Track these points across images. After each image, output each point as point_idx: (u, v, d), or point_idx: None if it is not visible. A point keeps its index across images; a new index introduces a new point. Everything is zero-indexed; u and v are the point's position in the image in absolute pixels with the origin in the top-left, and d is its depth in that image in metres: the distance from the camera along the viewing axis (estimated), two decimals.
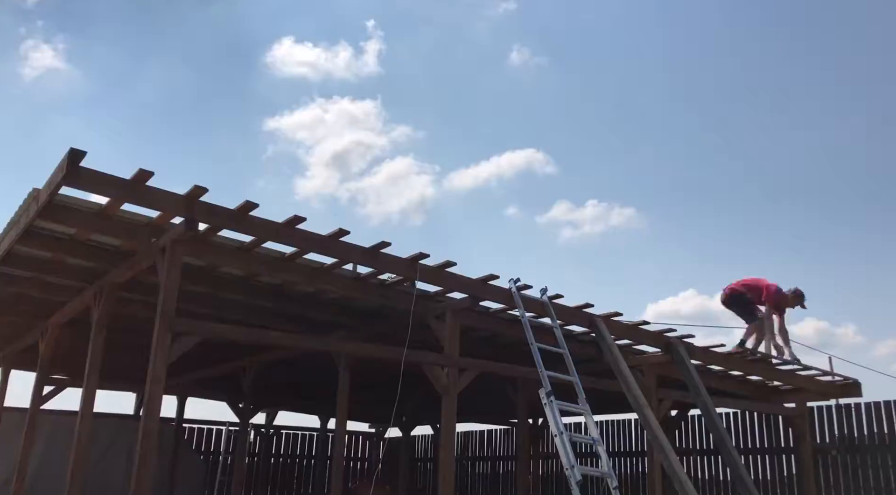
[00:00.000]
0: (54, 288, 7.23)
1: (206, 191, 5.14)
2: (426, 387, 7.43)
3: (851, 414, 10.42)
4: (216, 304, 7.49)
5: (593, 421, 6.49)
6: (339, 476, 8.10)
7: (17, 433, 9.65)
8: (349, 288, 6.79)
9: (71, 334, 8.14)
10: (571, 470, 5.58)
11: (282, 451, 17.02)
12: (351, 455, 18.06)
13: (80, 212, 5.31)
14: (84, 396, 6.32)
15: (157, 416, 5.13)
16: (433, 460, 17.70)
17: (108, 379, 9.74)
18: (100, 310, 6.46)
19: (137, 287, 6.61)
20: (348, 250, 6.08)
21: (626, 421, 13.56)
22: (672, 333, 8.42)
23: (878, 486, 9.86)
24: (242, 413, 11.86)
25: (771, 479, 11.19)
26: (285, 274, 6.36)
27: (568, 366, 6.85)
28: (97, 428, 8.98)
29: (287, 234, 5.69)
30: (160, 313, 5.20)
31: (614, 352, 7.55)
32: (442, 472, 6.74)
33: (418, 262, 6.43)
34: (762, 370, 9.63)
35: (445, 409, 6.78)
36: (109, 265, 6.36)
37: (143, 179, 4.88)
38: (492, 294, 7.00)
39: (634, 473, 13.22)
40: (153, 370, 5.09)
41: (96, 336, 6.41)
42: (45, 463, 11.28)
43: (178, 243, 5.33)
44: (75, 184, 4.69)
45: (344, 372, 8.10)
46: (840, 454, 10.37)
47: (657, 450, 7.20)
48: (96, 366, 6.33)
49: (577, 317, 7.72)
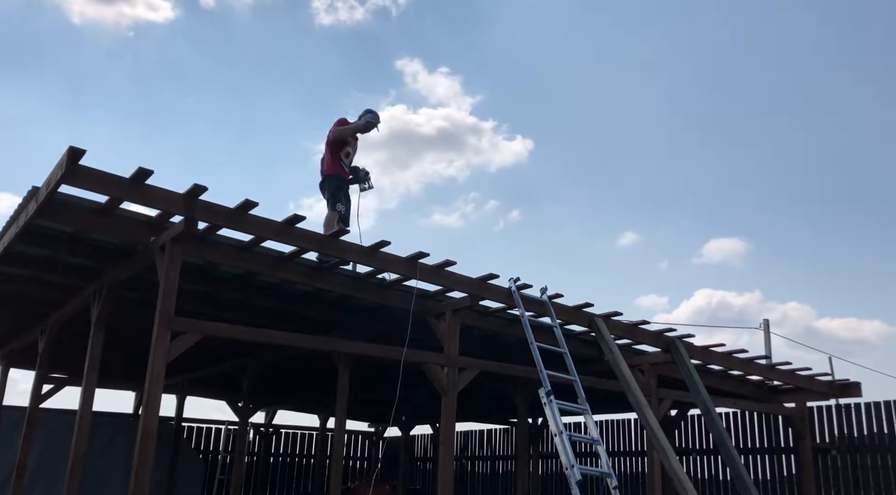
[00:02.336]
0: (53, 286, 7.22)
1: (205, 189, 5.13)
2: (426, 387, 7.42)
3: (851, 414, 10.42)
4: (215, 303, 7.48)
5: (593, 421, 6.48)
6: (338, 475, 8.08)
7: (16, 432, 9.65)
8: (348, 287, 6.78)
9: (70, 333, 8.12)
10: (571, 469, 5.58)
11: (281, 450, 17.01)
12: (350, 454, 18.06)
13: (79, 210, 5.29)
14: (83, 395, 6.32)
15: (157, 415, 5.12)
16: (433, 460, 17.69)
17: (108, 378, 9.74)
18: (99, 308, 6.45)
19: (137, 285, 6.59)
20: (347, 249, 6.07)
21: (626, 421, 13.55)
22: (672, 333, 8.42)
23: (878, 486, 9.85)
24: (242, 412, 11.84)
25: (771, 479, 11.18)
26: (284, 273, 6.35)
27: (568, 365, 6.84)
28: (96, 426, 8.96)
29: (286, 233, 5.68)
30: (159, 312, 5.19)
31: (614, 352, 7.54)
32: (441, 472, 6.73)
33: (418, 261, 6.43)
34: (762, 370, 9.62)
35: (445, 409, 6.77)
36: (109, 264, 6.35)
37: (142, 178, 4.87)
38: (491, 293, 7.00)
39: (634, 473, 13.21)
40: (152, 369, 5.08)
41: (95, 334, 6.40)
42: (44, 462, 11.27)
43: (177, 242, 5.32)
44: (75, 183, 4.68)
45: (343, 371, 8.08)
46: (840, 454, 10.36)
47: (657, 450, 7.19)
48: (95, 365, 6.32)
49: (577, 317, 7.71)
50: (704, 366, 9.19)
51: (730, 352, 9.07)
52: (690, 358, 8.32)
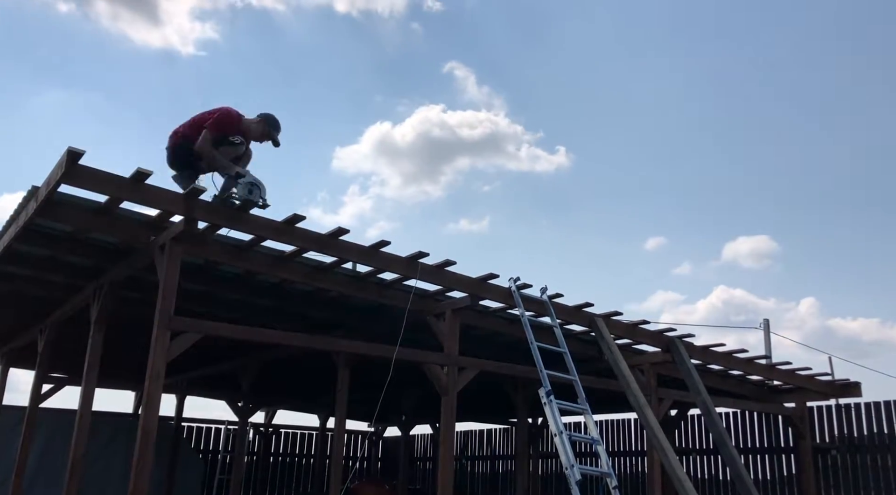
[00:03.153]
0: (53, 286, 7.21)
1: (204, 189, 5.13)
2: (426, 386, 7.41)
3: (851, 414, 10.42)
4: (215, 303, 7.48)
5: (593, 421, 6.48)
6: (337, 475, 8.08)
7: (15, 431, 9.64)
8: (348, 287, 6.77)
9: (70, 332, 8.12)
10: (571, 469, 5.58)
11: (281, 450, 17.01)
12: (350, 454, 18.06)
13: (79, 210, 5.29)
14: (83, 394, 6.31)
15: (156, 415, 5.11)
16: (432, 459, 17.68)
17: (107, 378, 9.72)
18: (99, 308, 6.44)
19: (136, 285, 6.59)
20: (347, 249, 6.07)
21: (626, 420, 13.55)
22: (672, 333, 8.41)
23: (878, 486, 9.85)
24: (241, 411, 11.83)
25: (771, 479, 11.18)
26: (284, 272, 6.35)
27: (568, 365, 6.83)
28: (96, 426, 8.93)
29: (286, 233, 5.68)
30: (159, 311, 5.19)
31: (614, 352, 7.54)
32: (441, 471, 6.73)
33: (418, 261, 6.42)
34: (762, 370, 9.62)
35: (445, 408, 6.77)
36: (108, 263, 6.34)
37: (142, 178, 4.87)
38: (491, 293, 6.99)
39: (634, 473, 13.22)
40: (152, 368, 5.08)
41: (95, 334, 6.39)
42: (43, 462, 11.26)
43: (177, 241, 5.32)
44: (74, 182, 4.68)
45: (343, 371, 8.08)
46: (840, 454, 10.36)
47: (657, 450, 7.19)
48: (95, 365, 6.31)
49: (577, 317, 7.71)
50: (704, 365, 9.19)
51: (730, 352, 9.06)
52: (690, 357, 8.32)
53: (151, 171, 4.82)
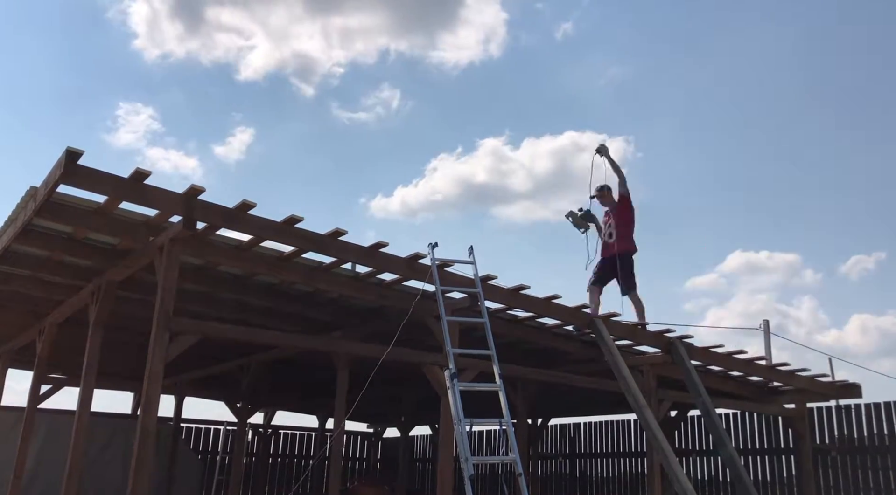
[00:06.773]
0: (52, 286, 7.19)
1: (203, 190, 5.11)
2: (425, 387, 7.39)
3: (851, 416, 10.41)
4: (214, 303, 7.46)
5: (506, 403, 6.03)
6: (337, 476, 8.06)
7: (13, 432, 9.62)
8: (348, 287, 6.76)
9: (68, 333, 8.10)
10: (465, 463, 5.22)
11: (280, 451, 16.99)
12: (349, 455, 18.04)
13: (77, 210, 5.28)
14: (81, 395, 6.29)
15: (155, 416, 5.10)
16: (432, 460, 17.66)
17: (106, 379, 9.72)
18: (97, 308, 6.42)
19: (135, 286, 6.57)
20: (346, 249, 6.05)
21: (626, 421, 13.54)
22: (672, 333, 8.40)
23: (878, 487, 9.84)
24: (240, 412, 11.83)
25: (770, 480, 11.17)
26: (283, 273, 6.33)
27: (487, 338, 6.44)
28: (94, 427, 8.95)
29: (285, 233, 5.66)
30: (158, 312, 5.17)
31: (614, 353, 7.52)
32: (440, 472, 6.71)
33: (417, 261, 6.40)
34: (762, 370, 9.61)
35: (445, 409, 6.75)
36: (107, 264, 6.32)
37: (140, 178, 4.85)
38: (491, 293, 6.97)
39: (634, 474, 13.21)
40: (151, 369, 5.06)
41: (94, 335, 6.37)
42: (42, 463, 11.24)
43: (176, 242, 5.30)
44: (73, 182, 4.66)
45: (342, 371, 8.06)
46: (840, 455, 10.35)
47: (657, 451, 7.18)
48: (94, 365, 6.30)
49: (577, 317, 7.69)
50: (704, 366, 9.17)
51: (730, 353, 9.04)
52: (690, 358, 8.30)
53: (150, 171, 4.81)
